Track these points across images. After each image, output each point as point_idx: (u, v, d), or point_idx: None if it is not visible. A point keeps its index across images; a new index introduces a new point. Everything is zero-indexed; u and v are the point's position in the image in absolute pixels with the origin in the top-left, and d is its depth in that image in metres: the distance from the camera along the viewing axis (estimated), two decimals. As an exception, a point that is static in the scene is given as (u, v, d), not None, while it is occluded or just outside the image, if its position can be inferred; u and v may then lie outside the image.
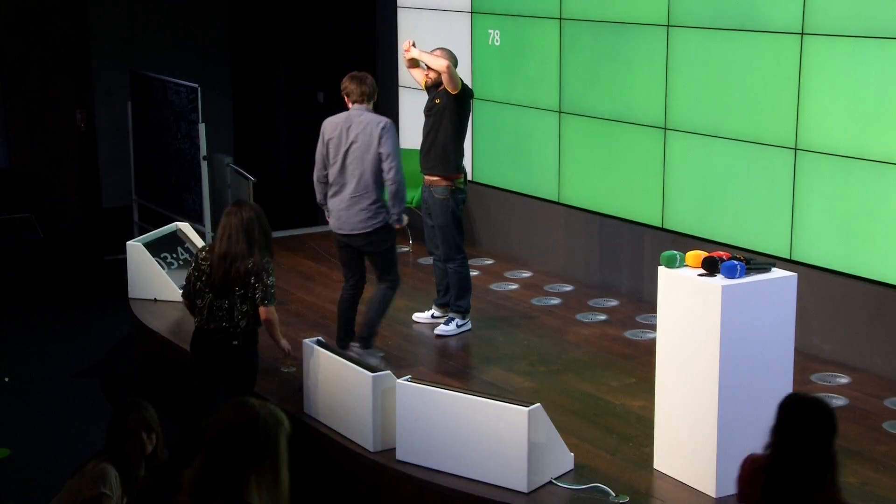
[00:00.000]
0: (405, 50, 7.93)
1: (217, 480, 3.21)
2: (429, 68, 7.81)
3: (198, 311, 6.41)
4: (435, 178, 7.83)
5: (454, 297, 7.95)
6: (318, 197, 7.53)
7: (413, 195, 9.73)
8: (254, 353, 6.43)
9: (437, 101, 7.76)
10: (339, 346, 7.24)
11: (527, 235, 9.75)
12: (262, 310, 6.31)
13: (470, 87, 7.92)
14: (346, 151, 7.17)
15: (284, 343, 6.53)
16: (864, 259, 7.25)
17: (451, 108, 7.69)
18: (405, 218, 7.38)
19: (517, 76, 9.76)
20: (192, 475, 3.25)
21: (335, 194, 7.31)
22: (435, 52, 7.84)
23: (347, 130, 7.17)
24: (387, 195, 7.25)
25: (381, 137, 7.09)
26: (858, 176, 7.20)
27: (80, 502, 4.59)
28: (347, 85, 7.24)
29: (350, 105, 7.25)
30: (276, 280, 6.42)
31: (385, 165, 7.14)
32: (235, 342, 6.31)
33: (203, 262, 6.34)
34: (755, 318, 5.48)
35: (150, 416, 4.91)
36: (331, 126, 7.27)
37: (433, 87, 7.86)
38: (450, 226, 7.81)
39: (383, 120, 7.15)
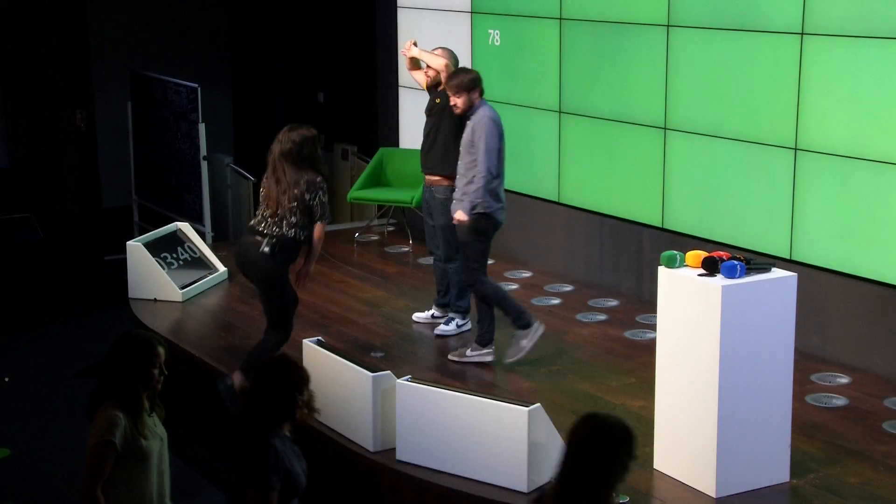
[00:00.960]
0: (406, 49, 7.94)
1: (580, 493, 3.61)
2: (429, 67, 7.83)
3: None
4: (436, 178, 7.83)
5: (454, 296, 7.95)
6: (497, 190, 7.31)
7: (414, 195, 9.73)
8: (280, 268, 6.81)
9: (438, 100, 7.77)
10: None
11: (527, 235, 9.75)
12: (317, 226, 6.78)
13: None
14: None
15: (312, 269, 6.90)
16: (864, 259, 7.25)
17: (451, 108, 7.69)
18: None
19: (517, 76, 9.76)
20: (552, 490, 3.64)
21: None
22: (435, 52, 7.85)
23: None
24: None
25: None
26: (858, 176, 7.20)
27: (87, 449, 4.55)
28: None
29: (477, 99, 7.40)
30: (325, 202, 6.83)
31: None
32: (266, 249, 6.70)
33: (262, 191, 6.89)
34: (755, 318, 5.48)
35: (164, 352, 4.76)
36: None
37: (433, 87, 7.87)
38: (450, 226, 7.81)
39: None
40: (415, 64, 8.03)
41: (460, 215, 7.24)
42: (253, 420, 4.46)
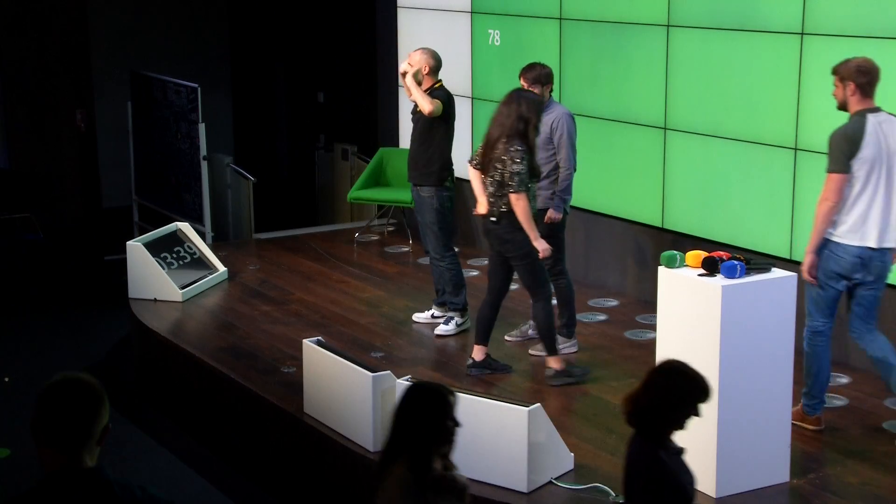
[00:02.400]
0: (402, 73, 7.95)
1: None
2: (408, 62, 7.86)
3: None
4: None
5: (449, 294, 7.96)
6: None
7: (407, 195, 9.74)
8: (520, 237, 6.78)
9: (419, 110, 7.81)
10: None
11: (527, 235, 9.74)
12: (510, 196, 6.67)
13: (448, 92, 7.90)
14: None
15: (540, 244, 6.75)
16: (864, 259, 7.23)
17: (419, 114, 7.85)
18: None
19: (517, 76, 9.74)
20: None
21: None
22: (415, 53, 7.85)
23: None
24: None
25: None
26: (858, 176, 7.18)
27: None
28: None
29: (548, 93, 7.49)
30: (519, 171, 6.64)
31: None
32: (493, 219, 6.79)
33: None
34: (755, 318, 5.48)
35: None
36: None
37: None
38: (436, 223, 7.83)
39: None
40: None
41: (552, 213, 7.33)
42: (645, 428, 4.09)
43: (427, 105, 7.65)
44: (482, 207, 6.90)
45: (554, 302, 7.16)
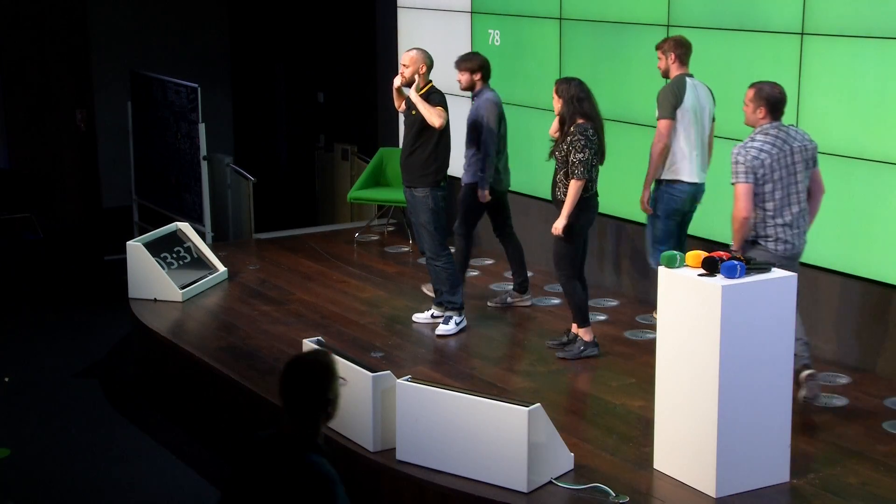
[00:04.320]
0: (395, 87, 7.92)
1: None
2: (401, 72, 7.83)
3: (591, 185, 7.30)
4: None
5: (446, 293, 7.96)
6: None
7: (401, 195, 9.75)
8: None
9: (414, 112, 7.76)
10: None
11: (527, 235, 9.74)
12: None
13: (442, 94, 7.89)
14: None
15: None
16: (864, 259, 7.25)
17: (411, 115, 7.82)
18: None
19: (517, 76, 9.76)
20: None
21: None
22: (410, 53, 7.82)
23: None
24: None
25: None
26: (858, 176, 7.20)
27: None
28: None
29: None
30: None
31: None
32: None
33: (593, 138, 7.20)
34: (755, 318, 5.48)
35: None
36: None
37: (407, 86, 7.86)
38: (431, 223, 7.82)
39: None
40: (400, 94, 8.03)
41: (480, 193, 8.11)
42: None
43: (436, 119, 7.62)
44: None
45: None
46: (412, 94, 7.71)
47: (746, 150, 6.26)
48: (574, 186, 7.14)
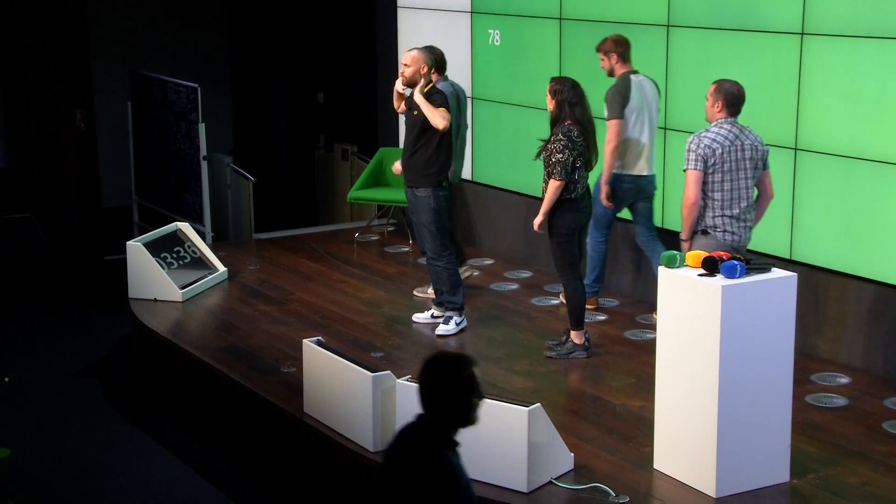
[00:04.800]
0: (397, 90, 7.93)
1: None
2: (402, 71, 7.83)
3: (572, 185, 7.28)
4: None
5: (446, 293, 7.95)
6: None
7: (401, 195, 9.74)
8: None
9: (416, 112, 7.75)
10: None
11: (527, 235, 9.75)
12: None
13: (444, 94, 7.89)
14: None
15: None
16: (864, 259, 7.25)
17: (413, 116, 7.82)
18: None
19: (517, 76, 9.76)
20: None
21: None
22: (412, 52, 7.82)
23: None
24: None
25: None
26: (858, 176, 7.20)
27: None
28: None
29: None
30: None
31: None
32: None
33: (578, 140, 7.19)
34: (755, 318, 5.48)
35: None
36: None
37: (410, 86, 7.85)
38: (433, 223, 7.82)
39: None
40: (401, 96, 8.03)
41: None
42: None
43: (440, 121, 7.61)
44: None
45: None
46: (417, 95, 7.69)
47: (700, 140, 6.54)
48: (552, 186, 7.21)
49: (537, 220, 7.42)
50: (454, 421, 3.80)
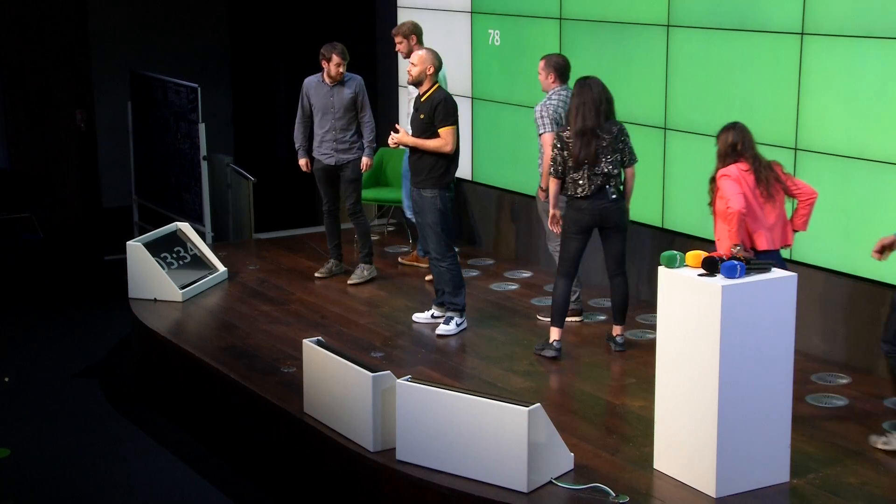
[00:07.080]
0: (393, 143, 7.94)
1: None
2: (409, 70, 7.83)
3: (573, 185, 7.30)
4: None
5: (449, 294, 7.95)
6: None
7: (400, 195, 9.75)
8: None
9: (422, 116, 7.75)
10: None
11: (527, 235, 9.75)
12: (629, 170, 7.44)
13: (448, 95, 7.89)
14: None
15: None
16: (864, 259, 7.23)
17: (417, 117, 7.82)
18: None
19: (517, 76, 9.76)
20: None
21: None
22: (418, 53, 7.81)
23: None
24: None
25: None
26: (858, 176, 7.20)
27: None
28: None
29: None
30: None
31: None
32: (614, 196, 7.35)
33: (568, 141, 7.24)
34: (755, 318, 5.48)
35: None
36: None
37: (416, 85, 7.85)
38: (438, 224, 7.82)
39: None
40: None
41: (367, 160, 8.99)
42: None
43: (446, 147, 7.70)
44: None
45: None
46: (414, 140, 7.77)
47: (547, 106, 7.75)
48: (550, 184, 7.45)
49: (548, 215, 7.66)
50: None
